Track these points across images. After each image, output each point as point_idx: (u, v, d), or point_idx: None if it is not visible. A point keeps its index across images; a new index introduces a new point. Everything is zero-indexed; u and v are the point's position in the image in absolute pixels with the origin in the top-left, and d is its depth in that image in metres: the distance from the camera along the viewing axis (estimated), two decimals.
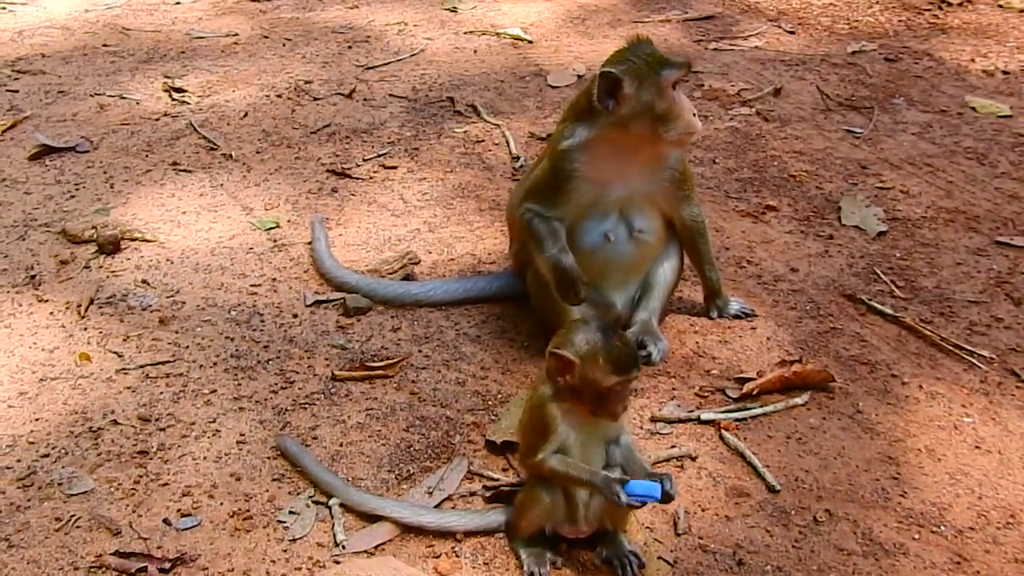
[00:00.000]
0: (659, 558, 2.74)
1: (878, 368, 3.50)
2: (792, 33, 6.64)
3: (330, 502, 2.90)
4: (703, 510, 2.91)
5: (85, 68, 6.23)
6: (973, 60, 6.10)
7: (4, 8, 7.41)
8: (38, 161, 5.01)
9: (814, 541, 2.81)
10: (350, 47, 6.57)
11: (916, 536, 2.82)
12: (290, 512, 2.88)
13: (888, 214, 4.42)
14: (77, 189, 4.74)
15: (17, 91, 5.88)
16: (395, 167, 4.94)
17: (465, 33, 6.79)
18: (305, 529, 2.83)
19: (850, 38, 6.50)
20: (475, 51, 6.46)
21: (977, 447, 3.15)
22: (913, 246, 4.21)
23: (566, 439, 2.61)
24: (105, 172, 4.90)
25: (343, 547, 2.75)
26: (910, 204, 4.53)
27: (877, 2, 7.14)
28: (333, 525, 2.82)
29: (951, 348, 3.57)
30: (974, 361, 3.51)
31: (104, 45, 6.63)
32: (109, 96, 5.79)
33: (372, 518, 2.85)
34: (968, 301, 3.85)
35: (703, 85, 5.80)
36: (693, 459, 3.10)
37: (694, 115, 3.32)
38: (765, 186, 4.70)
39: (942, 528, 2.85)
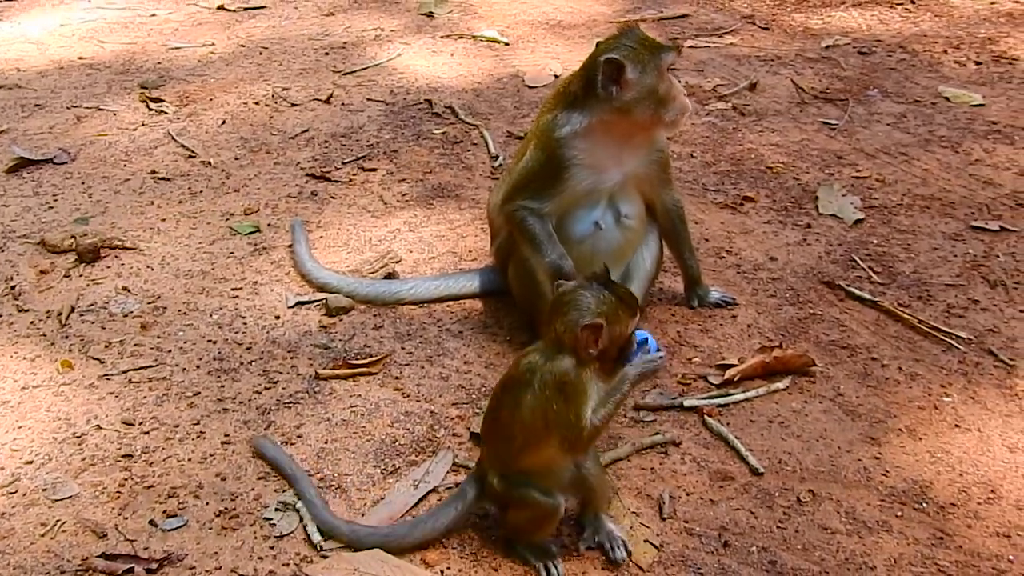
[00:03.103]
0: (645, 541, 2.76)
1: (858, 352, 3.53)
2: (766, 29, 6.69)
3: (298, 504, 2.90)
4: (688, 494, 2.93)
5: (61, 81, 6.22)
6: (946, 51, 6.16)
7: None
8: (15, 174, 5.00)
9: (798, 521, 2.83)
10: (327, 54, 6.58)
11: (899, 513, 2.85)
12: (276, 509, 2.88)
13: (865, 202, 4.46)
14: (55, 200, 4.73)
15: None
16: (374, 169, 4.96)
17: (442, 37, 6.81)
18: (292, 526, 2.83)
19: (824, 33, 6.56)
20: (452, 54, 6.48)
21: (957, 426, 3.18)
22: (890, 233, 4.25)
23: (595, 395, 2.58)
24: (83, 183, 4.89)
25: (319, 548, 2.74)
26: (886, 192, 4.57)
27: None
28: (306, 528, 2.81)
29: (929, 330, 3.60)
30: (952, 343, 3.55)
31: (80, 58, 6.63)
32: (86, 108, 5.78)
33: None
34: (945, 285, 3.89)
35: (679, 81, 5.82)
36: (677, 445, 3.12)
37: (685, 95, 3.41)
38: (743, 178, 4.73)
39: (924, 505, 2.88)
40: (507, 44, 6.62)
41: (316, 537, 2.76)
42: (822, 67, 6.00)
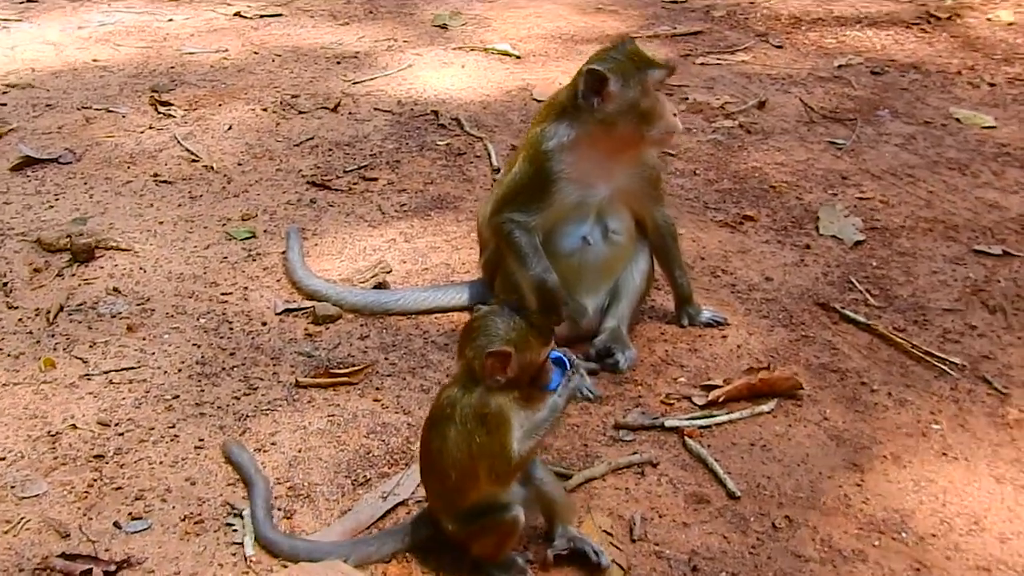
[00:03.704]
0: (613, 562, 2.70)
1: (848, 376, 3.46)
2: (780, 48, 6.63)
3: (244, 511, 2.87)
4: (660, 516, 2.87)
5: (74, 83, 6.26)
6: (959, 72, 6.08)
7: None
8: (20, 172, 5.03)
9: (771, 547, 2.76)
10: (339, 63, 6.60)
11: (876, 543, 2.77)
12: (239, 516, 2.85)
13: (867, 223, 4.39)
14: (56, 199, 4.75)
15: (5, 104, 5.91)
16: (375, 179, 4.94)
17: (454, 49, 6.81)
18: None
19: (837, 52, 6.49)
20: (463, 66, 6.47)
21: (944, 454, 3.10)
22: (890, 255, 4.17)
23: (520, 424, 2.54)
24: (86, 183, 4.91)
25: (248, 561, 2.70)
26: (889, 214, 4.49)
27: (865, 17, 7.13)
28: (244, 539, 2.77)
29: (922, 355, 3.53)
30: (945, 368, 3.47)
31: (94, 60, 6.67)
32: (96, 109, 5.81)
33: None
34: (943, 309, 3.81)
35: (687, 98, 5.79)
36: (654, 465, 3.06)
37: (675, 115, 3.33)
38: (744, 197, 4.68)
39: (903, 535, 2.80)
40: (518, 57, 6.60)
41: (249, 551, 2.72)
42: (833, 86, 5.94)
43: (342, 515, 2.88)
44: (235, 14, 7.67)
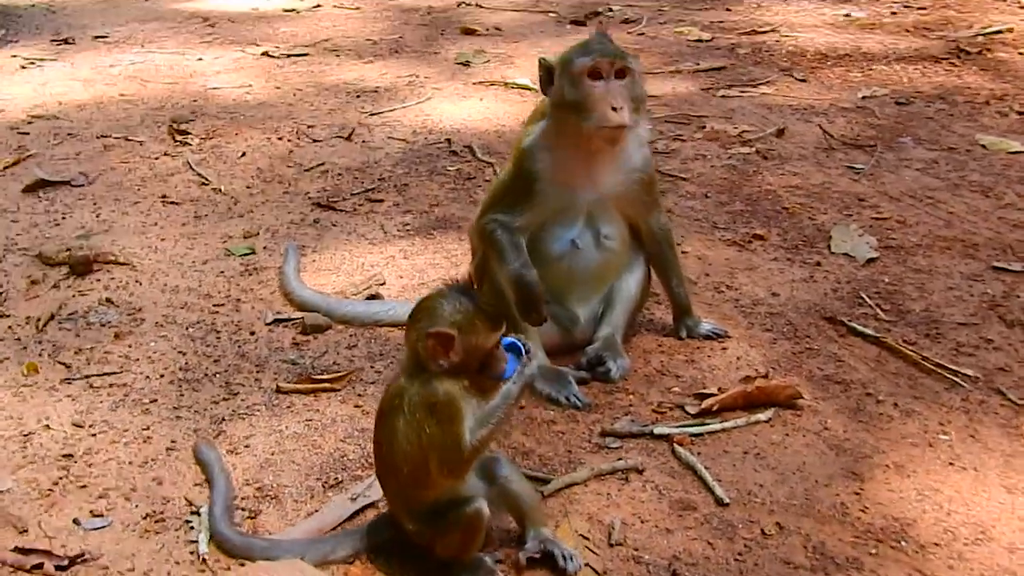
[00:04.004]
0: (587, 565, 2.54)
1: (852, 387, 3.28)
2: (803, 81, 6.53)
3: (202, 509, 2.76)
4: (642, 522, 2.71)
5: (97, 114, 6.33)
6: (988, 103, 5.92)
7: (34, 63, 7.63)
8: (32, 193, 5.05)
9: (759, 555, 2.58)
10: (358, 96, 6.61)
11: (873, 551, 2.59)
12: (198, 513, 2.74)
13: (881, 242, 4.23)
14: (63, 218, 4.75)
15: (28, 133, 5.98)
16: (381, 200, 4.89)
17: (474, 84, 6.79)
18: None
19: (862, 85, 6.36)
20: (481, 99, 6.45)
21: (951, 464, 2.91)
22: (904, 272, 4.00)
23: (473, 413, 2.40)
24: (95, 203, 4.91)
25: (202, 559, 2.58)
26: (906, 233, 4.33)
27: (893, 52, 7.01)
28: (199, 537, 2.65)
29: (933, 367, 3.34)
30: (957, 380, 3.28)
31: (120, 95, 6.76)
32: (115, 138, 5.86)
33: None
34: (957, 323, 3.62)
35: (704, 127, 5.69)
36: (640, 472, 2.90)
37: (615, 109, 3.12)
38: (756, 218, 4.54)
39: (903, 543, 2.61)
40: (538, 91, 6.55)
41: (203, 548, 2.60)
42: (855, 116, 5.81)
43: (309, 516, 2.76)
44: (263, 54, 7.75)
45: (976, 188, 4.75)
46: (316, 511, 2.77)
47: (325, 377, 3.39)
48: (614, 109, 3.14)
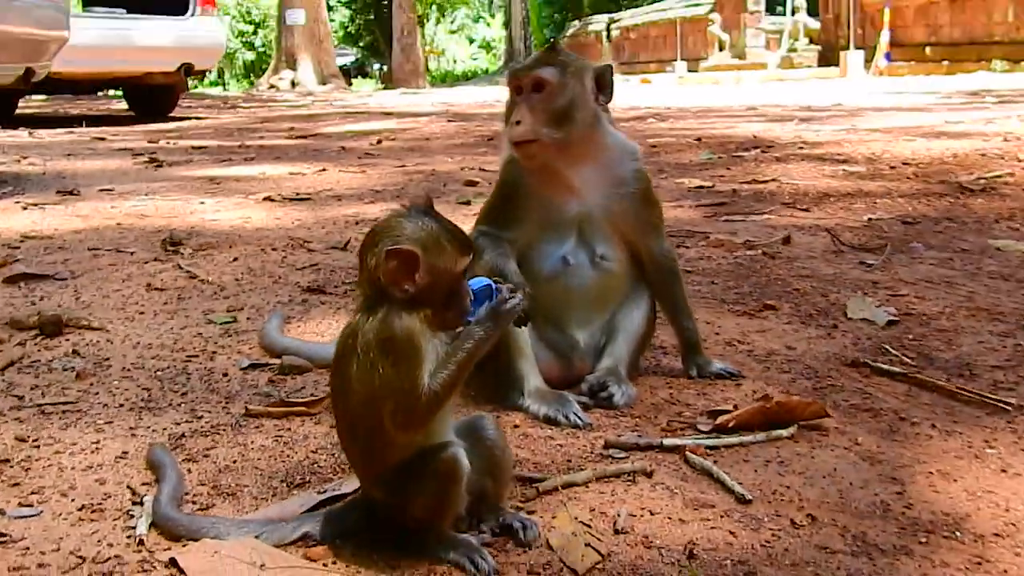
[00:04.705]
0: (587, 545, 2.16)
1: (883, 414, 2.96)
2: (806, 210, 6.47)
3: (144, 498, 2.42)
4: (652, 514, 2.34)
5: (92, 235, 6.24)
6: (997, 221, 5.82)
7: (36, 206, 7.63)
8: (13, 284, 4.87)
9: (789, 542, 2.21)
10: (357, 223, 6.55)
11: (923, 540, 2.21)
12: (141, 503, 2.39)
13: (900, 311, 3.99)
14: (42, 300, 4.54)
15: (18, 247, 5.86)
16: None
17: (472, 215, 6.71)
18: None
19: (867, 212, 6.30)
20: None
21: (1003, 471, 2.56)
22: (928, 332, 3.74)
23: (435, 355, 2.07)
24: (75, 291, 4.71)
25: (139, 542, 2.22)
26: (926, 305, 4.09)
27: (895, 191, 7.00)
28: (137, 521, 2.31)
29: (971, 395, 3.03)
30: (1000, 406, 2.96)
31: (118, 224, 6.70)
32: (105, 250, 5.73)
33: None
34: (991, 366, 3.33)
35: (708, 237, 5.57)
36: (648, 475, 2.55)
37: (517, 122, 3.03)
38: (766, 294, 4.32)
39: (957, 534, 2.24)
40: None
41: (141, 529, 2.25)
42: (862, 231, 5.70)
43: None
44: (265, 198, 7.77)
45: (995, 276, 4.55)
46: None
47: (299, 400, 3.08)
48: (517, 123, 3.03)
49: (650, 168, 3.45)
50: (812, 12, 35.11)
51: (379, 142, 12.66)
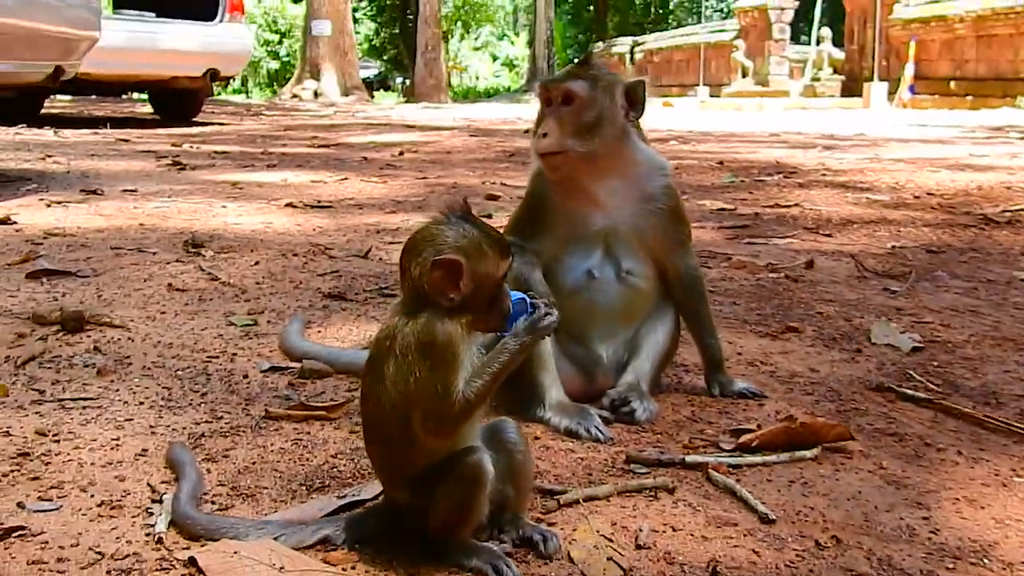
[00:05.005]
0: (609, 560, 2.14)
1: (908, 439, 2.93)
2: (829, 236, 6.44)
3: (164, 496, 2.41)
4: (675, 530, 2.32)
5: (114, 235, 6.27)
6: (1023, 253, 5.77)
7: (60, 204, 7.66)
8: (35, 279, 4.88)
9: (814, 563, 2.18)
10: (378, 232, 6.56)
11: (950, 566, 2.18)
12: (160, 501, 2.38)
13: (925, 338, 3.95)
14: (63, 296, 4.56)
15: (41, 244, 5.89)
16: (395, 294, 4.67)
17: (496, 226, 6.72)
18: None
19: (891, 240, 6.27)
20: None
21: None
22: (953, 359, 3.70)
23: (471, 363, 2.07)
24: (97, 288, 4.73)
25: (159, 540, 2.21)
26: (951, 332, 4.06)
27: (920, 220, 6.96)
28: (157, 518, 2.30)
29: (998, 423, 2.99)
30: None
31: (140, 224, 6.73)
32: (128, 250, 5.75)
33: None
34: (1017, 395, 3.30)
35: (731, 259, 5.54)
36: (670, 492, 2.52)
37: (544, 135, 3.04)
38: (788, 317, 4.30)
39: (986, 562, 2.20)
40: None
41: (160, 527, 2.24)
42: (886, 258, 5.67)
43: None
44: (286, 204, 7.80)
45: (1021, 307, 4.51)
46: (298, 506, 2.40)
47: (319, 404, 3.07)
48: (544, 136, 3.03)
49: None
50: (837, 42, 35.15)
51: (401, 154, 12.71)
